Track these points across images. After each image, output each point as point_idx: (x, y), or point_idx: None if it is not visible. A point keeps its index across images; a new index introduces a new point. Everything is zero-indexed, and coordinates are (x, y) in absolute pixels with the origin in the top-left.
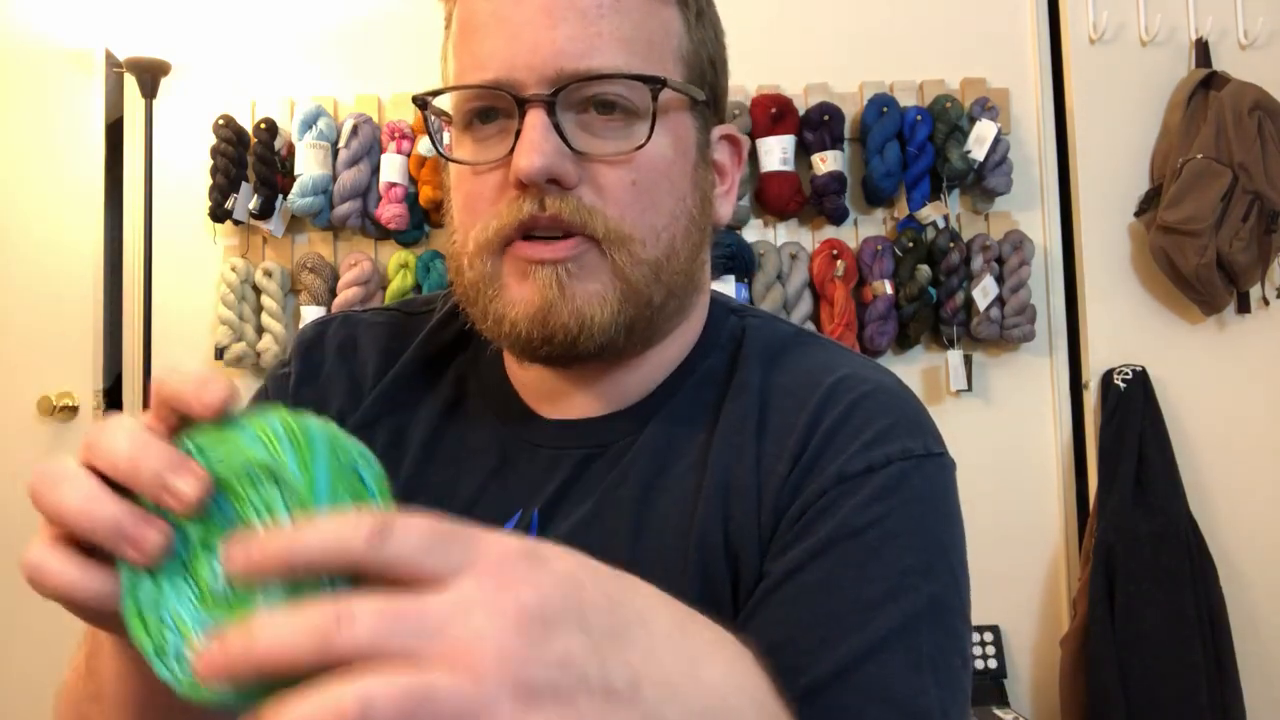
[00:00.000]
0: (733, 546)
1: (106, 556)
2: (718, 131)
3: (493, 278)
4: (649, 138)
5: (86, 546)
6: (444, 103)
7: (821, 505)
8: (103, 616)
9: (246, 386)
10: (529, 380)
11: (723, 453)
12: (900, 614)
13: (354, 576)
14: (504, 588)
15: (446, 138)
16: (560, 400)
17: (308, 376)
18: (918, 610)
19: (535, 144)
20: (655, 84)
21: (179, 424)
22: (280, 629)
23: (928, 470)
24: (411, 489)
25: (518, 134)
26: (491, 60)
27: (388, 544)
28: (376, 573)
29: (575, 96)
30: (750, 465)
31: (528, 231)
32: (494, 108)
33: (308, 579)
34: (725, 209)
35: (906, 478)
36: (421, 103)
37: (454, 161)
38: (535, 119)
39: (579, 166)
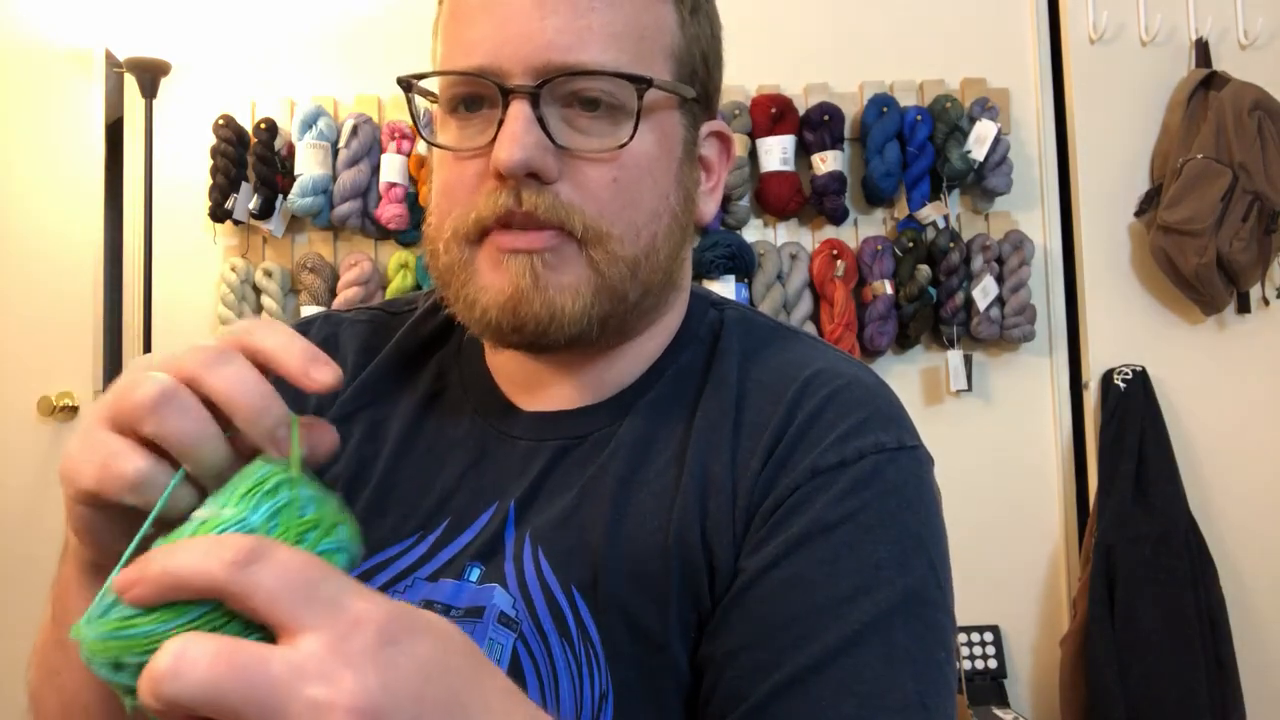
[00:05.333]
0: (709, 542)
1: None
2: (707, 128)
3: (466, 263)
4: (632, 136)
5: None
6: (432, 83)
7: (794, 501)
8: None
9: None
10: (507, 371)
11: (700, 448)
12: (874, 608)
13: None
14: (349, 664)
15: (429, 119)
16: (538, 391)
17: None
18: (892, 604)
19: (516, 136)
20: (641, 83)
21: None
22: (146, 680)
23: (901, 463)
24: (388, 483)
25: (500, 123)
26: (479, 47)
27: (246, 573)
28: (239, 608)
29: (560, 90)
30: (726, 461)
31: (504, 223)
32: (479, 95)
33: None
34: (710, 205)
35: (880, 471)
36: (406, 84)
37: (436, 146)
38: (518, 110)
39: (560, 161)
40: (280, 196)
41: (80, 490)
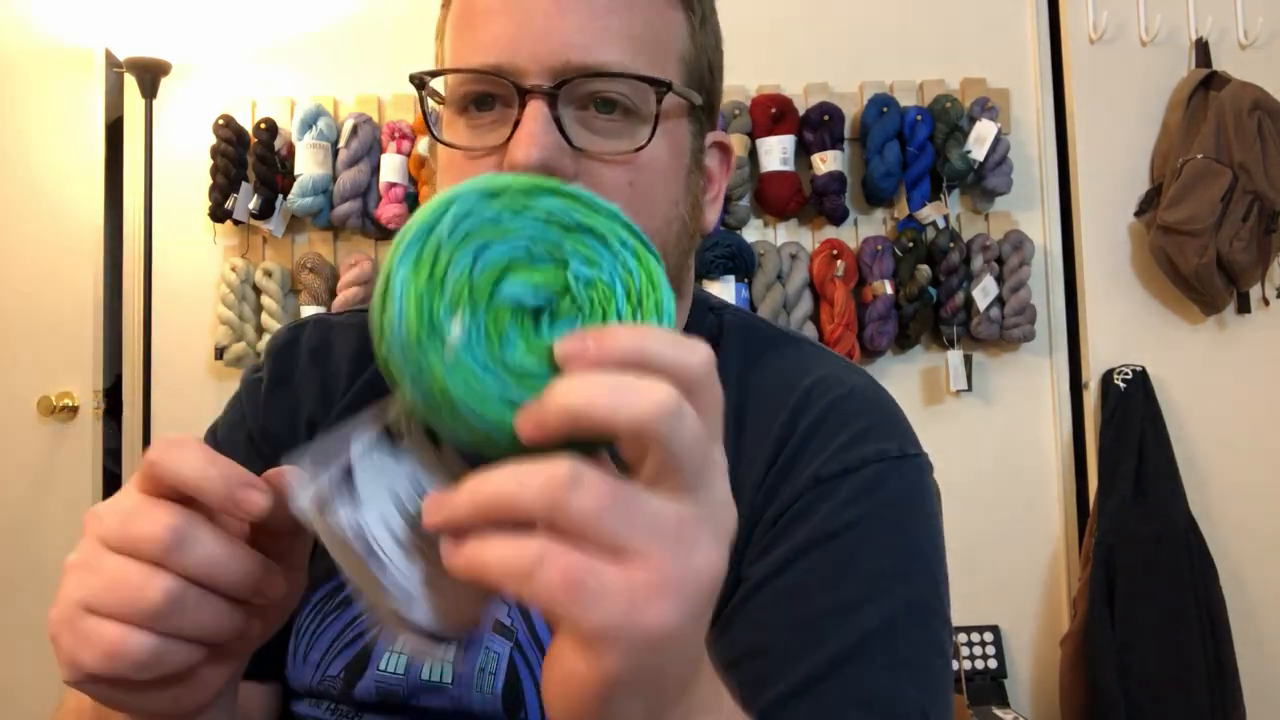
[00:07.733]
0: None
1: None
2: (710, 138)
3: None
4: (650, 140)
5: None
6: (438, 82)
7: (798, 509)
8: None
9: None
10: None
11: None
12: (878, 616)
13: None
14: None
15: (437, 119)
16: None
17: (280, 380)
18: (895, 612)
19: (534, 136)
20: (661, 87)
21: None
22: (511, 479)
23: (904, 471)
24: None
25: (516, 123)
26: (495, 45)
27: (682, 415)
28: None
29: (578, 91)
30: (728, 468)
31: None
32: (493, 94)
33: None
34: (712, 215)
35: (883, 479)
36: (419, 81)
37: (447, 145)
38: (535, 110)
39: (575, 163)
40: (280, 196)
41: (87, 675)
